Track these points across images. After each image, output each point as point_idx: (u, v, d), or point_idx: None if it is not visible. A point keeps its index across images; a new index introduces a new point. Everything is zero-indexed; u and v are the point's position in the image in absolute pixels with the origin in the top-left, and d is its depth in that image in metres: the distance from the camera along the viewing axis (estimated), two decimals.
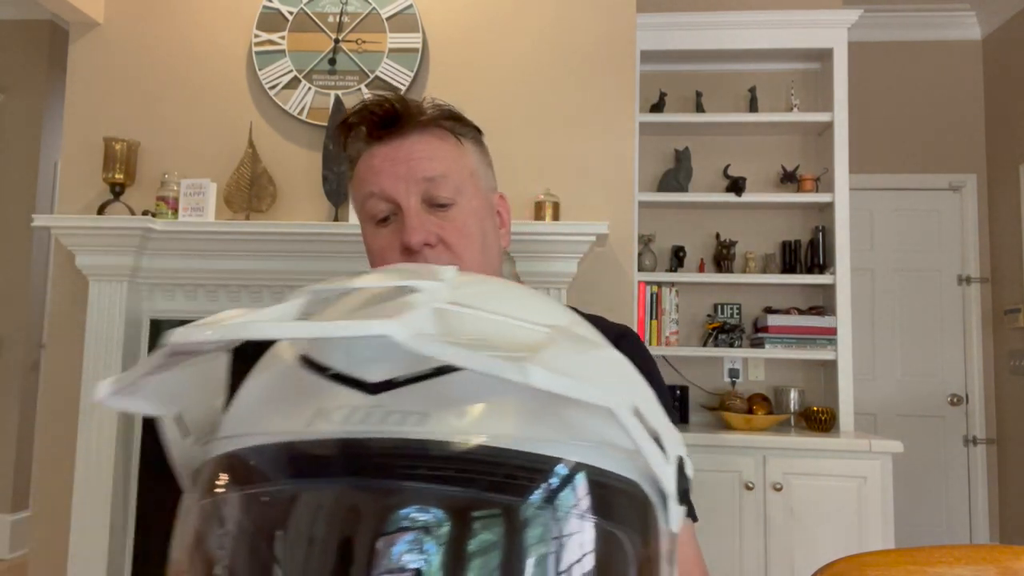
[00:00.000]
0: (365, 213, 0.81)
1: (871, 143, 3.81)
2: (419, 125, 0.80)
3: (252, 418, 0.38)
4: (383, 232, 0.79)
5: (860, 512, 2.59)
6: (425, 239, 0.76)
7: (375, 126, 0.79)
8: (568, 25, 2.66)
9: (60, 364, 2.62)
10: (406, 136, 0.79)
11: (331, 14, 2.67)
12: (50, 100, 3.97)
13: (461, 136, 0.83)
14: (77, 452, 2.48)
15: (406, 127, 0.79)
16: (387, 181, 0.78)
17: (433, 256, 0.77)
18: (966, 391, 3.77)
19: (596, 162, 2.60)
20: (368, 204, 0.79)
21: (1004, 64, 3.74)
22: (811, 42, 3.12)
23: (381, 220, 0.79)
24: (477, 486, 0.31)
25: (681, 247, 3.27)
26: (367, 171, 0.80)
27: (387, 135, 0.79)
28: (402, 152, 0.78)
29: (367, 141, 0.81)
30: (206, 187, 2.56)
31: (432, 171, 0.78)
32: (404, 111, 0.79)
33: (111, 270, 2.52)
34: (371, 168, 0.79)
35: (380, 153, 0.79)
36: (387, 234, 0.79)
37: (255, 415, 0.38)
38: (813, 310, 3.15)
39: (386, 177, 0.78)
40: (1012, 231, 3.65)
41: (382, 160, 0.79)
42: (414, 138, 0.79)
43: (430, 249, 0.77)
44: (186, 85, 2.73)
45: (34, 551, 2.57)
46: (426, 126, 0.80)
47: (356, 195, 0.83)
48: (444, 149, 0.80)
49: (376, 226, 0.80)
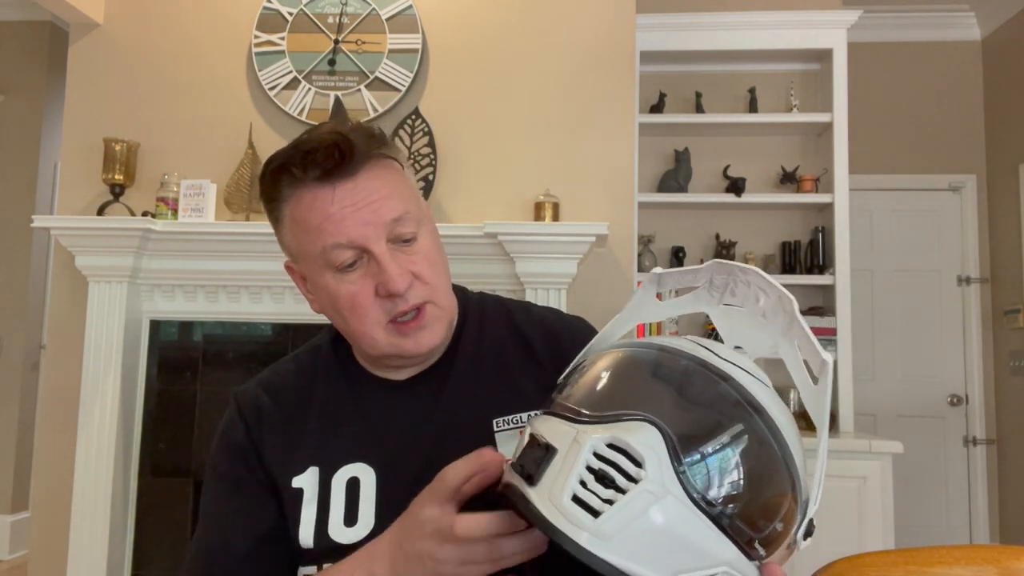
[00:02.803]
0: (324, 261, 0.76)
1: (871, 143, 3.81)
2: (364, 160, 0.76)
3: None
4: (351, 278, 0.76)
5: (860, 512, 2.59)
6: (408, 283, 0.76)
7: (318, 167, 0.74)
8: (568, 26, 2.66)
9: (60, 364, 2.62)
10: (357, 176, 0.75)
11: (331, 15, 2.67)
12: (50, 100, 3.97)
13: (397, 159, 0.81)
14: (77, 452, 2.48)
15: (354, 166, 0.75)
16: (353, 230, 0.74)
17: (412, 295, 0.76)
18: (966, 391, 3.77)
19: (596, 162, 2.60)
20: (332, 254, 0.75)
21: (1004, 64, 3.74)
22: (811, 42, 3.12)
23: (346, 267, 0.76)
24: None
25: (681, 247, 3.27)
26: (323, 220, 0.75)
27: (334, 176, 0.75)
28: (359, 196, 0.75)
29: (307, 182, 0.75)
30: (206, 188, 2.56)
31: (396, 211, 0.76)
32: (348, 150, 0.75)
33: (111, 271, 2.52)
34: (329, 216, 0.74)
35: (336, 200, 0.75)
36: (357, 280, 0.76)
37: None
38: (813, 310, 3.15)
39: (350, 225, 0.74)
40: (1012, 231, 3.65)
41: (340, 207, 0.74)
42: (365, 175, 0.76)
43: (409, 289, 0.76)
44: (186, 86, 2.73)
45: (34, 551, 2.57)
46: (370, 159, 0.77)
47: (306, 242, 0.77)
48: (395, 182, 0.78)
49: (340, 272, 0.77)
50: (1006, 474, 3.66)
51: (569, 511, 0.51)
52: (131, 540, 2.55)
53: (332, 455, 0.81)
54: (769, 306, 0.62)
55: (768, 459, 0.55)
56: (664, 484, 0.51)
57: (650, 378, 0.59)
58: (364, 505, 0.78)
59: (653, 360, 0.60)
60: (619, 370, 0.61)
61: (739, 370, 0.58)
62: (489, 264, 2.47)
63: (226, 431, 0.85)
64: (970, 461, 3.75)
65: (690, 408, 0.56)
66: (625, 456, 0.52)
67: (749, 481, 0.53)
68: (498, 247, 2.44)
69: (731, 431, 0.54)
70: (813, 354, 0.58)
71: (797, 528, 0.56)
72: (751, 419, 0.55)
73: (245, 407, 0.85)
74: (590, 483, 0.52)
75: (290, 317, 2.57)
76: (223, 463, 0.83)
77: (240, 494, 0.81)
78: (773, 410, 0.57)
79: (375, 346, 0.79)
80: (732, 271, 0.64)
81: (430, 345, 0.79)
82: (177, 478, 2.56)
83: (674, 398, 0.57)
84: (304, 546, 0.78)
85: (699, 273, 0.67)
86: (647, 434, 0.52)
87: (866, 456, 2.61)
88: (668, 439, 0.53)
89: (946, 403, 3.77)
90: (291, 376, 0.87)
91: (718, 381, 0.57)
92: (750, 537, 0.53)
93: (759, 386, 0.58)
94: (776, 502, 0.54)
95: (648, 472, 0.51)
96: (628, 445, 0.52)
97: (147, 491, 2.57)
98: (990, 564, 0.79)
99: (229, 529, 0.80)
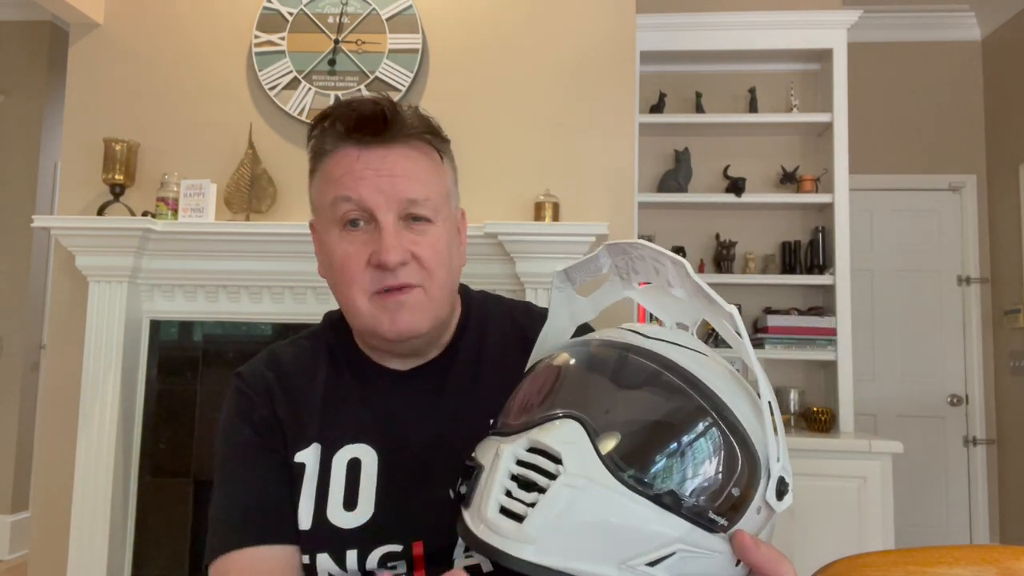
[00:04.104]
0: (332, 214, 0.77)
1: (871, 143, 3.81)
2: (405, 137, 0.77)
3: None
4: (351, 238, 0.76)
5: (860, 512, 2.59)
6: (401, 259, 0.75)
7: (360, 128, 0.76)
8: (568, 26, 2.66)
9: (60, 365, 2.62)
10: (391, 147, 0.76)
11: (331, 15, 2.67)
12: (50, 101, 3.97)
13: (442, 152, 0.82)
14: (77, 452, 2.48)
15: (392, 137, 0.76)
16: (366, 191, 0.75)
17: (405, 273, 0.75)
18: (966, 391, 3.77)
19: (596, 162, 2.60)
20: (340, 206, 0.76)
21: (1004, 64, 3.74)
22: (811, 42, 3.12)
23: (349, 223, 0.77)
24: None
25: (681, 248, 3.27)
26: (344, 173, 0.76)
27: (372, 141, 0.76)
28: (386, 164, 0.76)
29: (346, 140, 0.77)
30: (206, 188, 2.56)
31: (415, 194, 0.76)
32: (393, 120, 0.76)
33: (111, 271, 2.52)
34: (351, 171, 0.76)
35: (362, 158, 0.76)
36: (355, 242, 0.76)
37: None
38: (813, 310, 3.15)
39: (366, 186, 0.75)
40: (1012, 231, 3.65)
41: (364, 166, 0.75)
42: (399, 151, 0.77)
43: (402, 267, 0.75)
44: (186, 86, 2.73)
45: (34, 551, 2.57)
46: (411, 138, 0.78)
47: (323, 192, 0.79)
48: (427, 169, 0.78)
49: (342, 230, 0.77)
50: (1006, 474, 3.66)
51: (495, 523, 0.50)
52: (131, 540, 2.55)
53: (334, 434, 0.80)
54: (671, 274, 0.60)
55: (704, 427, 0.53)
56: (587, 474, 0.50)
57: (572, 375, 0.58)
58: (364, 488, 0.78)
59: (578, 357, 0.60)
60: (542, 375, 0.60)
61: (668, 345, 0.57)
62: (489, 264, 2.47)
63: (239, 408, 0.83)
64: (970, 461, 3.75)
65: (612, 393, 0.55)
66: (544, 456, 0.51)
67: (683, 452, 0.51)
68: (498, 247, 2.44)
69: (655, 406, 0.53)
70: (717, 311, 0.57)
71: (764, 490, 0.54)
72: (680, 391, 0.54)
73: (254, 383, 0.84)
74: (515, 491, 0.51)
75: (290, 317, 2.57)
76: (238, 434, 0.81)
77: (262, 460, 0.80)
78: (709, 378, 0.55)
79: (358, 315, 0.78)
80: (625, 250, 0.63)
81: (407, 328, 0.77)
82: (177, 478, 2.56)
83: (596, 387, 0.56)
84: (302, 527, 0.77)
85: (599, 259, 0.65)
86: (566, 429, 0.52)
87: (866, 456, 2.61)
88: (588, 428, 0.52)
89: (946, 403, 3.77)
90: (292, 357, 0.86)
91: (642, 362, 0.56)
92: (701, 508, 0.51)
93: (690, 356, 0.57)
94: (723, 468, 0.52)
95: (566, 466, 0.50)
96: (545, 445, 0.51)
97: (147, 491, 2.57)
98: (990, 564, 0.79)
99: (258, 483, 0.78)
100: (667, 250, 0.58)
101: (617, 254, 0.64)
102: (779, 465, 0.54)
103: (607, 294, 0.69)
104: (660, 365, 0.55)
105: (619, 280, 0.67)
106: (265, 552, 0.76)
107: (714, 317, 0.58)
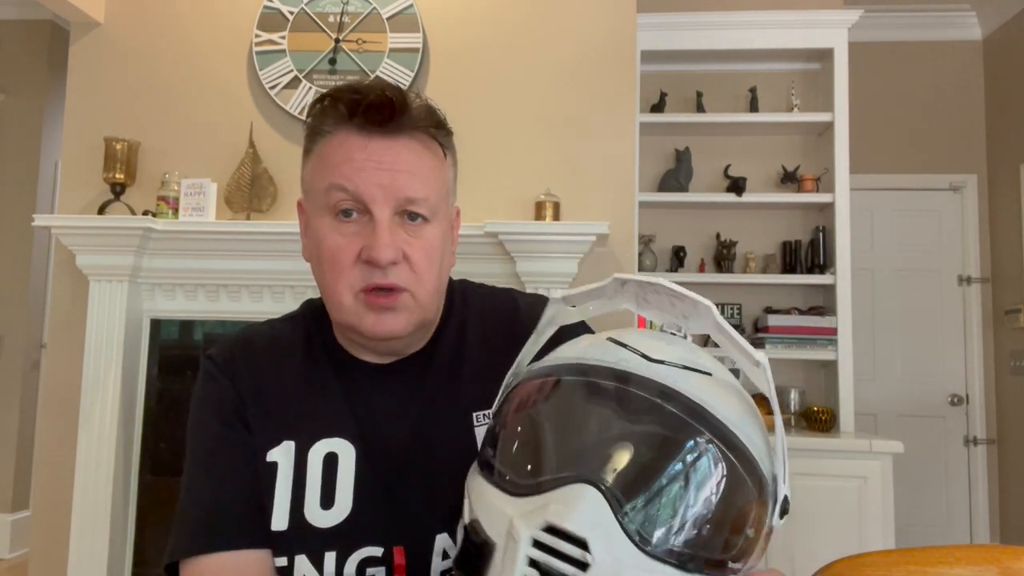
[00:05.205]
0: (326, 200, 0.74)
1: (871, 143, 3.80)
2: (411, 130, 0.74)
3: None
4: (342, 229, 0.73)
5: (860, 512, 2.59)
6: (393, 258, 0.72)
7: (365, 115, 0.72)
8: (569, 25, 2.66)
9: (60, 364, 2.62)
10: (395, 139, 0.73)
11: (331, 14, 2.67)
12: (50, 100, 3.97)
13: (445, 148, 0.80)
14: (77, 451, 2.48)
15: (398, 128, 0.73)
16: (364, 184, 0.72)
17: (394, 273, 0.73)
18: (966, 391, 3.77)
19: (596, 162, 2.60)
20: (334, 195, 0.73)
21: (1004, 64, 3.74)
22: (811, 42, 3.11)
23: (342, 212, 0.73)
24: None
25: (681, 247, 3.27)
26: (344, 160, 0.72)
27: (376, 131, 0.73)
28: (388, 158, 0.72)
29: (348, 124, 0.73)
30: (206, 187, 2.56)
31: (414, 192, 0.73)
32: (401, 111, 0.73)
33: (111, 270, 2.52)
34: (350, 159, 0.72)
35: (364, 147, 0.72)
36: (346, 233, 0.73)
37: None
38: (813, 310, 3.15)
39: (365, 179, 0.72)
40: (1012, 231, 3.65)
41: (365, 157, 0.72)
42: (402, 144, 0.74)
43: (393, 266, 0.73)
44: (186, 85, 2.73)
45: (34, 551, 2.57)
46: (417, 131, 0.75)
47: (318, 176, 0.75)
48: (429, 165, 0.76)
49: (334, 218, 0.74)
50: (1006, 474, 3.66)
51: None
52: (131, 540, 2.55)
53: (309, 428, 0.77)
54: (687, 309, 0.58)
55: (721, 476, 0.51)
56: (618, 559, 0.47)
57: (577, 420, 0.54)
58: (342, 485, 0.75)
59: (578, 391, 0.55)
60: (546, 417, 0.56)
61: (671, 368, 0.54)
62: (490, 263, 2.47)
63: (207, 396, 0.80)
64: (970, 461, 3.75)
65: (628, 447, 0.51)
66: (566, 540, 0.47)
67: (708, 514, 0.49)
68: (499, 246, 2.44)
69: (668, 454, 0.50)
70: (746, 358, 0.54)
71: (771, 515, 0.53)
72: (697, 436, 0.51)
73: (225, 366, 0.81)
74: None
75: None
76: (208, 428, 0.79)
77: (232, 457, 0.77)
78: (716, 405, 0.53)
79: (340, 309, 0.75)
80: (642, 286, 0.59)
81: (390, 331, 0.74)
82: (177, 477, 2.54)
83: (608, 439, 0.52)
84: (277, 528, 0.74)
85: (606, 291, 0.63)
86: (586, 504, 0.48)
87: (866, 456, 2.61)
88: (611, 498, 0.48)
89: (946, 403, 3.77)
90: (265, 341, 0.83)
91: (651, 399, 0.52)
92: (721, 560, 0.50)
93: (696, 381, 0.54)
94: (743, 512, 0.51)
95: (595, 555, 0.46)
96: (567, 530, 0.47)
97: (147, 490, 2.57)
98: (990, 564, 0.79)
99: (228, 483, 0.76)
100: (690, 291, 0.57)
101: (628, 289, 0.61)
102: (784, 487, 0.53)
103: (601, 308, 0.67)
104: (676, 402, 0.52)
105: (622, 300, 0.65)
106: (235, 557, 0.73)
107: (743, 362, 0.56)
